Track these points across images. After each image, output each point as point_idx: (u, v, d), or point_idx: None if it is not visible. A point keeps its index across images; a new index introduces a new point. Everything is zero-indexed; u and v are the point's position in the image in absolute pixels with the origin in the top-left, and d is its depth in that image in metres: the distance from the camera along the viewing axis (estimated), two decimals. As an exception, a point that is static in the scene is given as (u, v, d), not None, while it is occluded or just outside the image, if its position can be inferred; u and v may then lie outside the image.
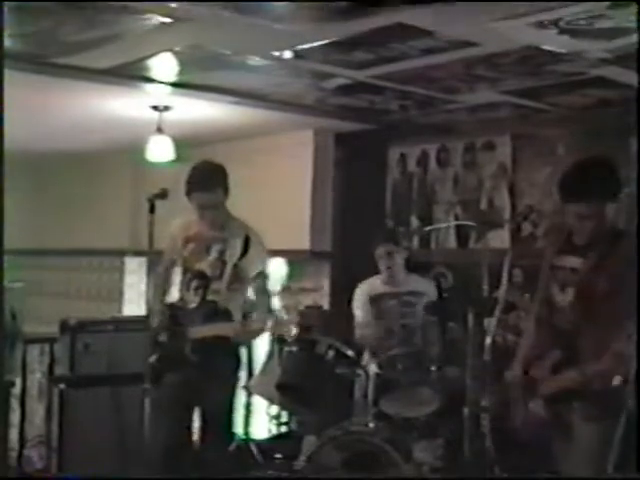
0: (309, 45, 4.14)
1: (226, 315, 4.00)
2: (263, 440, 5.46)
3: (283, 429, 5.31)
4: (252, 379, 5.14)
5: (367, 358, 4.67)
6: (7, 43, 3.94)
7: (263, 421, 5.45)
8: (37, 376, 5.44)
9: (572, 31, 3.74)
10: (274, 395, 4.53)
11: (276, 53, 4.32)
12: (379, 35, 3.92)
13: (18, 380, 5.12)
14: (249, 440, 5.34)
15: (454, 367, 4.45)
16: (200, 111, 5.96)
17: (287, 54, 4.33)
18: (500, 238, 5.66)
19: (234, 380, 4.19)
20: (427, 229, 6.16)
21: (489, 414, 4.21)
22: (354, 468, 4.05)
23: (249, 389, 5.06)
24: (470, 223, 5.86)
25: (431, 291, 5.12)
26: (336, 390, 4.40)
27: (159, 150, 6.16)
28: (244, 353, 4.70)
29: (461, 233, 6.03)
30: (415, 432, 4.41)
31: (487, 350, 4.05)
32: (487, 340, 4.07)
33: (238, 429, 5.27)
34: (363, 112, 5.85)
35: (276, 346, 4.73)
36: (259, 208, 6.08)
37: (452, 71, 4.57)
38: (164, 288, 4.30)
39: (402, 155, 6.53)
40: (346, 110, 5.82)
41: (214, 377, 3.94)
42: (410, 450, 4.20)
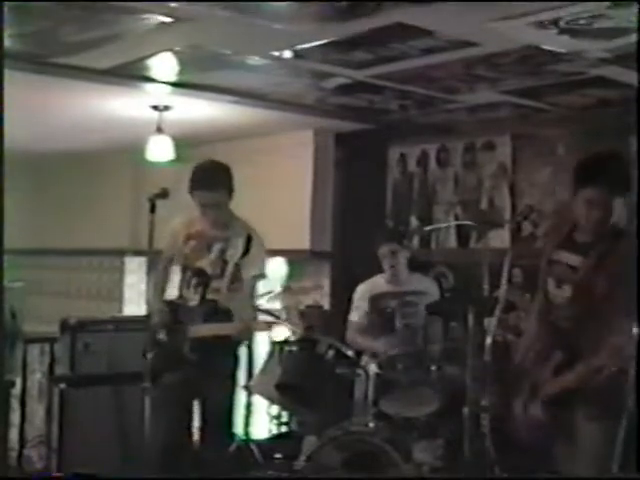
0: (309, 45, 4.14)
1: (226, 314, 4.00)
2: (263, 440, 5.46)
3: (283, 429, 5.30)
4: (252, 379, 5.14)
5: (367, 358, 4.68)
6: (7, 43, 3.94)
7: (263, 421, 5.45)
8: (37, 376, 5.44)
9: (572, 31, 3.74)
10: (274, 395, 4.53)
11: (276, 53, 4.32)
12: (379, 35, 3.92)
13: (18, 380, 5.12)
14: (249, 440, 5.34)
15: (454, 367, 4.45)
16: (200, 111, 5.96)
17: (287, 54, 4.33)
18: (500, 238, 5.66)
19: (233, 379, 4.18)
20: (427, 229, 6.15)
21: (489, 414, 4.21)
22: (354, 468, 4.05)
23: (249, 389, 5.06)
24: (470, 223, 5.85)
25: (434, 290, 5.13)
26: (336, 390, 4.40)
27: (159, 150, 6.16)
28: (244, 352, 4.70)
29: (461, 233, 6.03)
30: (415, 432, 4.41)
31: (487, 350, 4.05)
32: (487, 340, 4.08)
33: (238, 429, 5.27)
34: (363, 112, 5.85)
35: (276, 346, 4.72)
36: (259, 208, 6.08)
37: (452, 71, 4.57)
38: (163, 285, 4.30)
39: (402, 155, 6.53)
40: (346, 110, 5.82)
41: (213, 376, 3.94)
42: (410, 450, 4.20)
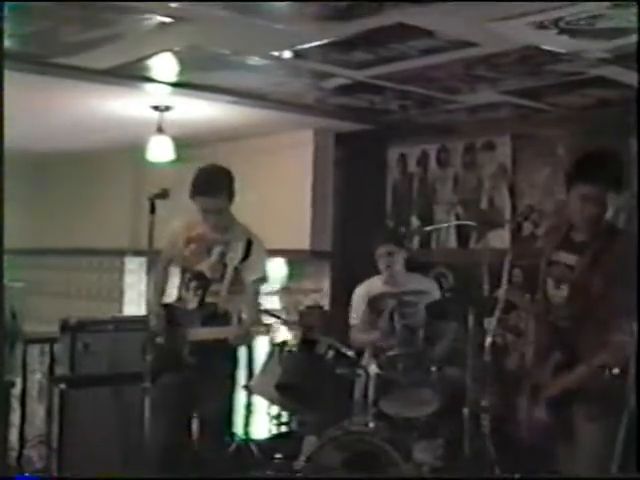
0: (309, 45, 4.14)
1: (225, 318, 3.99)
2: (263, 440, 5.46)
3: (283, 429, 5.30)
4: (252, 379, 5.14)
5: (367, 358, 4.68)
6: (7, 43, 3.93)
7: (263, 421, 5.45)
8: (37, 376, 5.44)
9: (572, 31, 3.73)
10: (274, 395, 4.54)
11: (276, 53, 4.32)
12: (379, 35, 3.92)
13: (18, 380, 5.12)
14: (249, 440, 5.35)
15: (454, 367, 4.45)
16: (200, 111, 5.96)
17: (287, 54, 4.32)
18: (500, 238, 5.66)
19: (232, 380, 4.18)
20: (427, 229, 6.15)
21: (489, 414, 4.21)
22: (354, 468, 4.06)
23: (249, 389, 5.06)
24: (470, 223, 5.85)
25: (433, 290, 5.13)
26: (336, 390, 4.40)
27: (159, 150, 6.16)
28: (243, 354, 4.70)
29: (461, 233, 6.03)
30: (415, 432, 4.41)
31: (487, 350, 4.05)
32: (487, 340, 4.08)
33: (238, 429, 5.28)
34: (363, 112, 5.85)
35: (277, 346, 4.73)
36: (259, 208, 6.09)
37: (452, 71, 4.57)
38: (162, 287, 4.30)
39: (402, 155, 6.53)
40: (346, 110, 5.82)
41: (211, 379, 3.94)
42: (410, 450, 4.20)
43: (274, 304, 5.61)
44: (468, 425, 4.12)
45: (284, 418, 5.18)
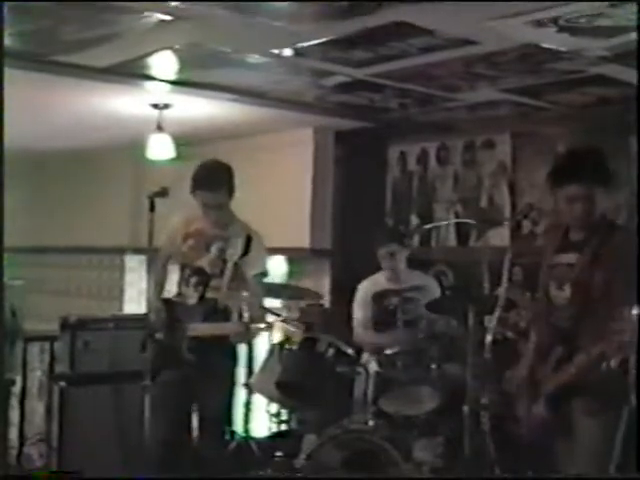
0: (309, 43, 4.14)
1: (225, 313, 3.99)
2: (263, 438, 5.46)
3: (283, 427, 5.30)
4: (252, 377, 5.14)
5: (367, 356, 4.68)
6: (7, 41, 3.94)
7: (263, 419, 5.45)
8: (37, 374, 5.44)
9: (572, 29, 3.73)
10: (274, 393, 4.53)
11: (276, 51, 4.32)
12: (379, 33, 3.92)
13: (18, 378, 5.12)
14: (249, 438, 5.34)
15: (454, 365, 4.45)
16: (200, 109, 5.96)
17: (287, 52, 4.32)
18: (500, 236, 5.66)
19: (231, 379, 4.18)
20: (427, 227, 6.15)
21: (489, 412, 4.21)
22: (354, 467, 4.06)
23: (249, 387, 5.06)
24: (470, 221, 5.85)
25: (434, 286, 5.14)
26: (336, 388, 4.40)
27: (159, 148, 6.16)
28: (243, 351, 4.70)
29: (461, 231, 6.03)
30: (415, 430, 4.41)
31: (487, 348, 4.05)
32: (487, 338, 4.08)
33: (238, 427, 5.28)
34: (363, 110, 5.85)
35: (276, 344, 4.72)
36: (259, 206, 6.08)
37: (452, 69, 4.57)
38: (162, 283, 4.30)
39: (402, 153, 6.53)
40: (346, 108, 5.82)
41: (211, 376, 3.94)
42: (410, 448, 4.20)
43: (274, 302, 5.60)
44: (468, 423, 4.12)
45: (284, 416, 5.17)
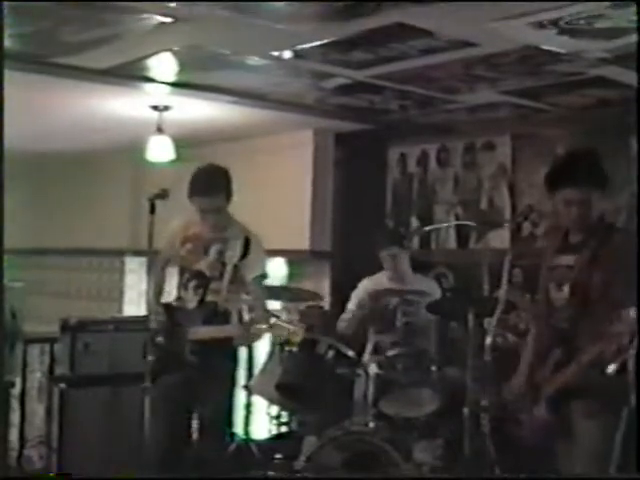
0: (308, 45, 4.14)
1: (225, 316, 3.99)
2: (263, 440, 5.46)
3: (283, 429, 5.30)
4: (252, 379, 5.14)
5: (367, 358, 4.67)
6: (7, 43, 3.94)
7: (263, 421, 5.45)
8: (37, 376, 5.43)
9: (572, 31, 3.74)
10: (274, 395, 4.54)
11: (275, 53, 4.32)
12: (378, 35, 3.92)
13: (18, 380, 5.12)
14: (249, 440, 5.34)
15: (454, 367, 4.45)
16: (200, 111, 5.96)
17: (286, 54, 4.32)
18: (500, 238, 5.66)
19: (232, 381, 4.18)
20: (427, 229, 6.15)
21: (489, 414, 4.21)
22: (354, 468, 4.06)
23: (249, 389, 5.06)
24: (470, 223, 5.85)
25: (435, 291, 5.14)
26: (336, 390, 4.40)
27: (159, 150, 6.16)
28: (244, 353, 4.70)
29: (461, 233, 6.03)
30: (415, 432, 4.41)
31: (487, 350, 4.05)
32: (487, 340, 4.08)
33: (238, 429, 5.28)
34: (363, 112, 5.85)
35: (277, 346, 4.72)
36: (259, 208, 6.09)
37: (452, 71, 4.57)
38: (161, 287, 4.30)
39: (402, 155, 6.53)
40: (346, 110, 5.82)
41: (212, 378, 3.94)
42: (410, 450, 4.20)
43: (274, 304, 5.59)
44: (468, 425, 4.12)
45: (284, 418, 5.17)
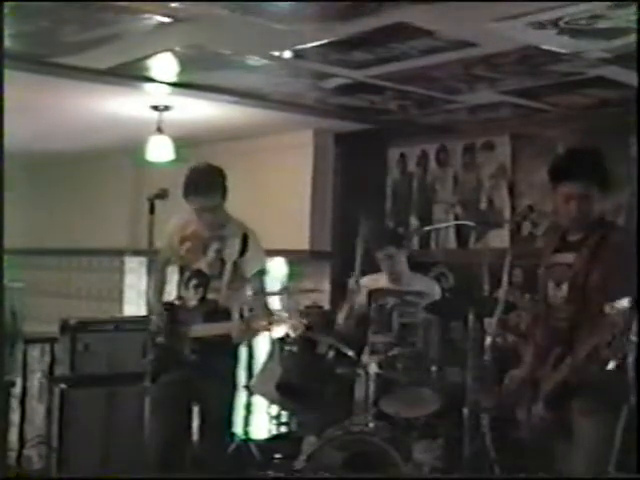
0: (309, 45, 4.14)
1: (226, 314, 4.01)
2: (263, 440, 5.46)
3: (283, 429, 5.31)
4: (253, 379, 5.14)
5: (367, 358, 4.67)
6: (7, 43, 3.94)
7: (263, 421, 5.46)
8: (37, 376, 5.44)
9: (572, 31, 3.74)
10: (274, 395, 4.54)
11: (276, 53, 4.32)
12: (379, 35, 3.92)
13: (18, 380, 5.12)
14: (249, 440, 5.34)
15: (454, 367, 4.45)
16: (200, 111, 5.96)
17: (287, 54, 4.32)
18: (500, 238, 5.66)
19: (232, 380, 4.18)
20: (427, 229, 6.15)
21: (489, 414, 4.21)
22: (354, 468, 4.06)
23: (250, 389, 5.06)
24: (470, 223, 5.85)
25: (435, 291, 5.12)
26: (336, 390, 4.40)
27: (159, 150, 6.16)
28: (244, 353, 4.71)
29: (461, 233, 6.03)
30: (415, 432, 4.41)
31: (487, 350, 4.05)
32: (487, 340, 4.08)
33: (238, 429, 5.28)
34: (363, 112, 5.85)
35: (277, 346, 4.73)
36: (259, 208, 6.09)
37: (452, 71, 4.57)
38: (161, 287, 4.31)
39: (402, 155, 6.53)
40: (346, 110, 5.82)
41: (212, 376, 3.94)
42: (410, 450, 4.20)
43: (274, 304, 5.60)
44: (468, 425, 4.13)
45: (284, 418, 5.18)
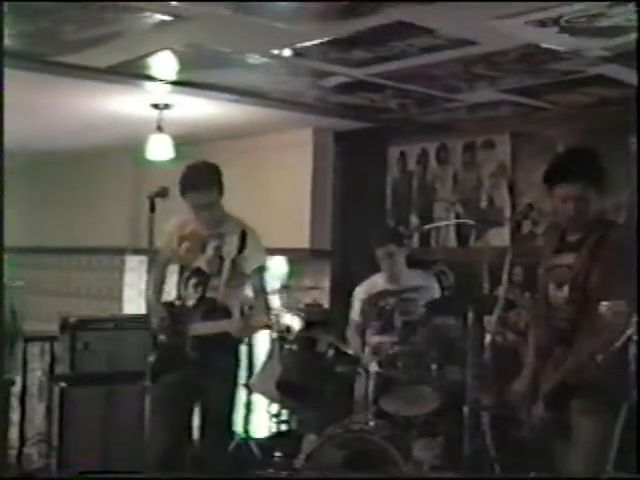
0: (309, 43, 4.13)
1: (225, 311, 4.01)
2: (263, 438, 5.46)
3: (283, 427, 5.31)
4: (253, 377, 5.14)
5: (368, 356, 4.68)
6: (7, 42, 3.94)
7: (263, 419, 5.45)
8: (37, 374, 5.44)
9: (572, 29, 3.73)
10: (274, 393, 4.54)
11: (276, 51, 4.32)
12: (379, 33, 3.92)
13: (18, 378, 5.12)
14: (249, 438, 5.35)
15: (454, 366, 4.45)
16: (200, 109, 5.96)
17: (287, 52, 4.32)
18: (500, 236, 5.66)
19: (233, 378, 4.18)
20: (427, 227, 6.15)
21: (489, 413, 4.21)
22: (354, 466, 4.06)
23: (250, 387, 5.06)
24: (470, 221, 5.85)
25: (432, 285, 5.13)
26: (336, 388, 4.40)
27: (159, 148, 6.16)
28: (244, 351, 4.70)
29: (461, 231, 6.03)
30: (415, 430, 4.41)
31: (487, 348, 4.05)
32: (487, 338, 4.08)
33: (238, 427, 5.28)
34: (363, 110, 5.85)
35: (277, 344, 4.73)
36: (259, 207, 6.10)
37: (452, 69, 4.57)
38: (161, 287, 4.32)
39: (402, 153, 6.53)
40: (346, 108, 5.82)
41: (213, 375, 3.95)
42: (410, 448, 4.20)
43: (274, 302, 5.61)
44: (468, 423, 4.13)
45: (284, 416, 5.18)
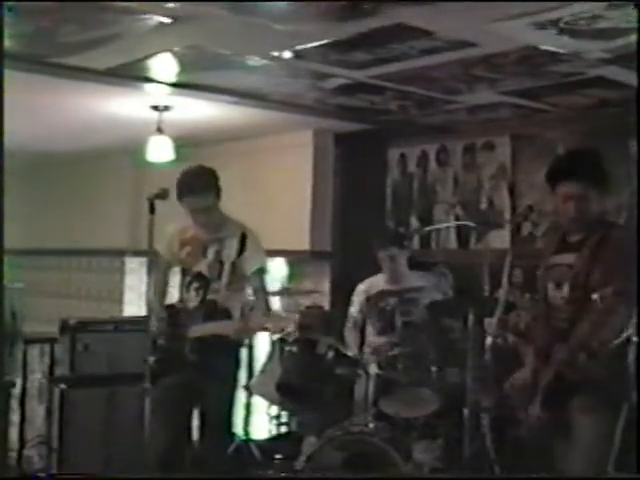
0: (308, 45, 4.14)
1: (226, 313, 4.02)
2: (263, 440, 5.46)
3: (283, 429, 5.31)
4: (253, 379, 5.14)
5: (368, 357, 4.68)
6: (7, 43, 3.94)
7: (263, 421, 5.45)
8: (37, 376, 5.45)
9: (571, 31, 3.73)
10: (274, 395, 4.54)
11: (275, 53, 4.32)
12: (378, 35, 3.92)
13: (18, 380, 5.12)
14: (249, 440, 5.34)
15: (454, 367, 4.45)
16: (200, 111, 5.96)
17: (287, 54, 4.32)
18: (500, 238, 5.66)
19: (233, 380, 4.19)
20: (427, 229, 6.15)
21: (489, 414, 4.21)
22: (354, 468, 4.06)
23: (250, 389, 5.06)
24: (470, 223, 5.85)
25: (433, 284, 5.12)
26: (336, 390, 4.40)
27: (159, 150, 6.16)
28: (244, 353, 4.70)
29: (461, 233, 6.03)
30: (415, 432, 4.41)
31: (487, 350, 4.05)
32: (487, 340, 4.08)
33: (238, 429, 5.28)
34: (363, 112, 5.85)
35: (277, 346, 4.73)
36: (259, 209, 6.10)
37: (451, 71, 4.57)
38: (163, 290, 4.33)
39: (402, 155, 6.53)
40: (346, 110, 5.82)
41: (213, 377, 3.95)
42: (410, 450, 4.20)
43: (274, 304, 5.61)
44: (468, 425, 4.12)
45: (284, 418, 5.18)
